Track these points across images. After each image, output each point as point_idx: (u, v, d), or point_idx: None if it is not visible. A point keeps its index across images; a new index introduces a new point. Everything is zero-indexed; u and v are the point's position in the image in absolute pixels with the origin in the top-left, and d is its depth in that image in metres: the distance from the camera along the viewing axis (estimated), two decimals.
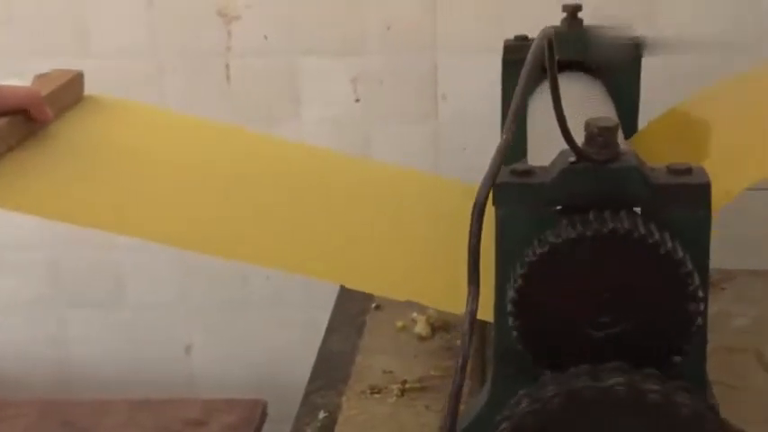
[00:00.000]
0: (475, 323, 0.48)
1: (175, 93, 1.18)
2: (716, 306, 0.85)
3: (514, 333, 0.53)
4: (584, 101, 0.78)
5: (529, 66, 0.46)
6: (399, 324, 0.88)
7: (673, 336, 0.51)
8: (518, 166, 0.55)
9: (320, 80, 1.15)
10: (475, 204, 0.48)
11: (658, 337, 0.51)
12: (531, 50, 0.47)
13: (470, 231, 0.48)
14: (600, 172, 0.52)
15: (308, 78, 1.15)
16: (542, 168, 0.55)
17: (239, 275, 1.24)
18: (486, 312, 0.54)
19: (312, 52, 1.14)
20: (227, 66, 1.16)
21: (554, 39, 0.48)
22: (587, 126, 0.53)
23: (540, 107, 0.81)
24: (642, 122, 0.88)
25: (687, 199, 0.52)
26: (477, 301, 0.47)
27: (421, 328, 0.86)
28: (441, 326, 0.86)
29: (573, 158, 0.53)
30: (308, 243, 0.67)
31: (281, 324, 1.25)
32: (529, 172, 0.54)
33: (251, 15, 1.14)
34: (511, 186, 0.54)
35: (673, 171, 0.53)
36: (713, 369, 0.74)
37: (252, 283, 1.25)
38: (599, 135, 0.52)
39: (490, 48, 0.96)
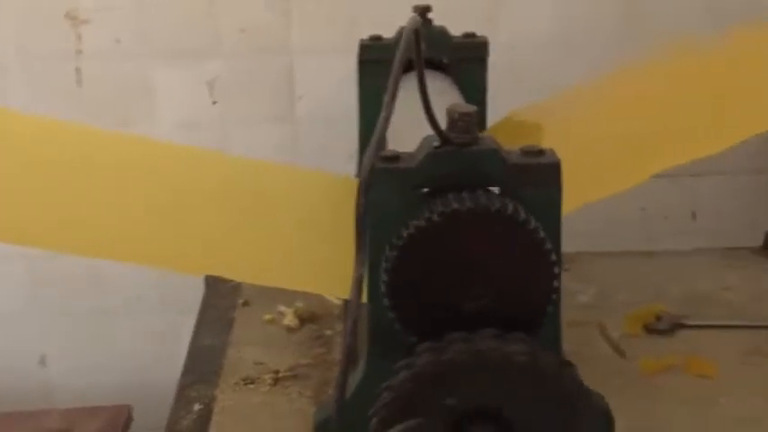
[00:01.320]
0: (361, 287, 0.51)
1: (22, 98, 1.15)
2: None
3: (389, 311, 0.56)
4: (437, 94, 0.82)
5: (401, 52, 0.50)
6: (267, 317, 0.90)
7: (535, 301, 0.56)
8: (386, 152, 0.58)
9: (175, 83, 1.15)
10: (360, 182, 0.51)
11: (523, 304, 0.56)
12: (402, 38, 0.51)
13: (356, 204, 0.51)
14: (462, 155, 0.56)
15: (162, 81, 1.15)
16: (409, 154, 0.59)
17: (94, 282, 1.22)
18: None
19: (166, 55, 1.14)
20: (78, 69, 1.14)
21: (420, 28, 0.51)
22: (449, 112, 0.57)
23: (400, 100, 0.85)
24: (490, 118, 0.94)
25: (540, 177, 0.57)
26: (364, 268, 0.50)
27: (289, 320, 0.88)
28: (308, 317, 0.89)
29: (437, 143, 0.57)
30: (176, 237, 0.68)
31: (140, 329, 1.24)
32: (396, 158, 0.58)
33: (102, 19, 1.13)
34: (380, 172, 0.57)
35: (526, 153, 0.58)
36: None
37: (108, 289, 1.23)
38: (460, 120, 0.56)
39: (344, 48, 0.99)
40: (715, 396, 0.74)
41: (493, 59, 1.13)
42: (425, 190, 0.58)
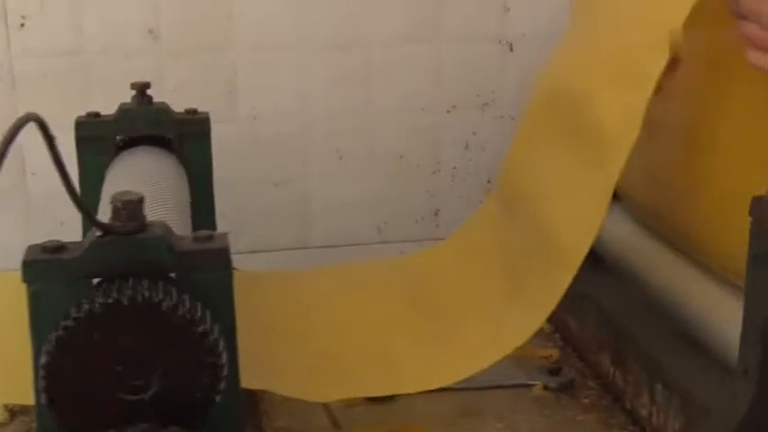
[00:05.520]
0: None
1: None
2: None
3: (49, 409, 0.53)
4: (148, 174, 0.81)
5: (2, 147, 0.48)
6: None
7: (202, 392, 0.55)
8: (49, 243, 0.56)
9: None
10: None
11: (189, 395, 0.55)
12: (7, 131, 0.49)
13: None
14: (128, 243, 0.55)
15: None
16: (76, 243, 0.57)
17: None
18: None
19: None
20: None
21: (43, 120, 0.50)
22: (112, 200, 0.55)
23: (110, 181, 0.83)
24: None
25: (210, 263, 0.57)
26: None
27: None
28: (20, 409, 0.84)
29: (100, 233, 0.55)
30: None
31: None
32: (61, 248, 0.56)
33: None
34: (41, 263, 0.55)
35: (197, 239, 0.57)
36: (281, 417, 0.80)
37: None
38: (123, 208, 0.55)
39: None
40: None
41: (235, 131, 1.13)
42: (96, 280, 0.56)
